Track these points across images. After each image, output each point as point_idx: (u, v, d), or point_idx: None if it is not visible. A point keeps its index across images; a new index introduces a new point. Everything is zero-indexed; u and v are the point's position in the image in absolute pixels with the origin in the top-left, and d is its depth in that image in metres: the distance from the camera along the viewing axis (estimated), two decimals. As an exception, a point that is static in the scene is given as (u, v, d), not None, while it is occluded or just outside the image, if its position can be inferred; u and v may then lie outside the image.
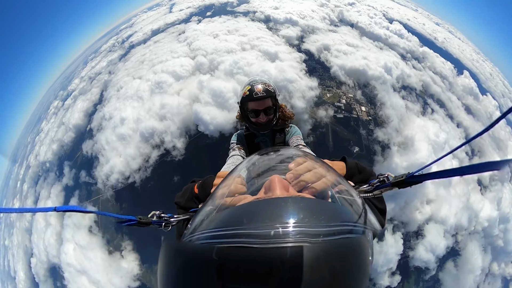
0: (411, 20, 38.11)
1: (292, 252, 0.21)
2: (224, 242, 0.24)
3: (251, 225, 0.24)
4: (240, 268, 0.22)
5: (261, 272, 0.21)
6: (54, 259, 17.42)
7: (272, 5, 31.73)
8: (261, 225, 0.24)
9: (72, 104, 25.34)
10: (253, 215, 0.26)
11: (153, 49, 25.08)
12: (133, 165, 15.97)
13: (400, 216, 14.43)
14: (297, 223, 0.24)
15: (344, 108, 18.58)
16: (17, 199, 24.94)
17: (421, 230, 14.42)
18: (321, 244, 0.22)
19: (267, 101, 1.36)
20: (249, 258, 0.22)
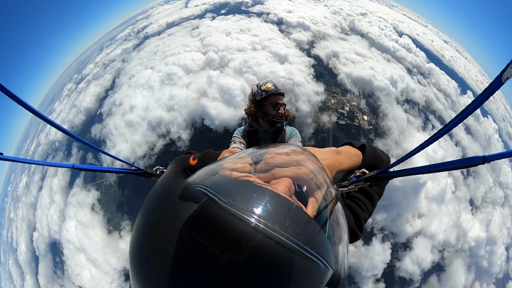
0: (420, 36, 37.58)
1: (250, 234, 0.23)
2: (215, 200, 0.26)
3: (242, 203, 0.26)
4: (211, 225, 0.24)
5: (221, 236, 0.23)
6: (56, 235, 17.64)
7: (286, 8, 31.40)
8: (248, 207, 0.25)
9: (85, 88, 25.49)
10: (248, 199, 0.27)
11: (166, 41, 25.01)
12: (139, 152, 16.03)
13: (391, 226, 14.47)
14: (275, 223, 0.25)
15: (347, 115, 18.46)
16: (25, 174, 25.26)
17: (410, 243, 14.47)
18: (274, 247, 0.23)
19: (283, 98, 1.55)
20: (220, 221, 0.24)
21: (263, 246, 0.23)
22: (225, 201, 0.26)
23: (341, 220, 0.37)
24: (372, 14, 37.47)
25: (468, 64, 44.18)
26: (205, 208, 0.26)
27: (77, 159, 19.95)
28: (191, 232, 0.25)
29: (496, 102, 36.50)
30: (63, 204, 18.48)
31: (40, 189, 21.40)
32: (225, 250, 0.23)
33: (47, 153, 23.68)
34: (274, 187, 0.32)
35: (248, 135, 1.64)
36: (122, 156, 16.31)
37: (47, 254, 18.54)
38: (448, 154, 17.90)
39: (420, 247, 14.43)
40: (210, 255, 0.23)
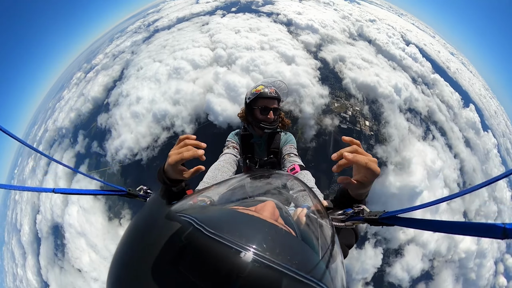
0: (427, 46, 36.98)
1: (241, 264, 0.21)
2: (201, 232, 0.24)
3: (229, 232, 0.24)
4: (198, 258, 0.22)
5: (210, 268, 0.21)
6: (58, 219, 17.85)
7: (296, 10, 31.05)
8: (236, 236, 0.24)
9: (93, 77, 25.57)
10: (236, 227, 0.26)
11: (176, 36, 24.92)
12: (142, 143, 16.06)
13: (384, 232, 14.43)
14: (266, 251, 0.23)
15: (349, 119, 18.32)
16: (32, 158, 25.54)
17: (401, 250, 14.44)
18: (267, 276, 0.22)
19: (275, 102, 1.43)
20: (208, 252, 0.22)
21: (255, 276, 0.21)
22: (211, 231, 0.24)
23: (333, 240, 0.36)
24: (381, 21, 36.93)
25: (473, 77, 43.46)
26: (190, 239, 0.24)
27: (83, 147, 20.07)
28: (176, 265, 0.23)
29: (497, 118, 36.03)
30: None
31: (46, 173, 21.62)
32: (214, 284, 0.21)
33: (53, 139, 23.88)
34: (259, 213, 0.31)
35: (242, 139, 1.55)
36: (126, 146, 16.39)
37: (49, 236, 18.78)
38: (446, 165, 17.77)
39: (411, 255, 14.41)
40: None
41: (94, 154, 18.68)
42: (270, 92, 1.39)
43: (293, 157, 1.34)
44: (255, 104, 1.42)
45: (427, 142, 18.64)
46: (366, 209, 0.55)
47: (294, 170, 1.19)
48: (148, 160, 15.81)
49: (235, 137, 1.57)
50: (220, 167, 1.20)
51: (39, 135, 27.86)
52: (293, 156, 1.35)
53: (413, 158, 16.07)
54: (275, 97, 1.41)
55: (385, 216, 0.49)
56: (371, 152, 16.74)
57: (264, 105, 1.40)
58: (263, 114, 1.41)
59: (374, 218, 0.51)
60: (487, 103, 36.97)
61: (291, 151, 1.41)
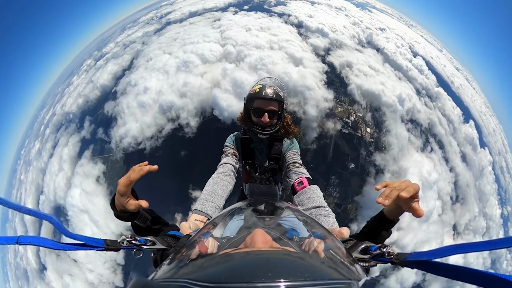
0: (434, 59, 36.47)
1: None
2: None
3: (233, 281, 0.21)
4: None
5: None
6: (61, 201, 17.89)
7: (307, 13, 30.60)
8: (243, 282, 0.21)
9: (103, 65, 25.50)
10: (234, 269, 0.23)
11: (187, 30, 24.72)
12: (147, 133, 16.04)
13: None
14: (281, 278, 0.21)
15: (351, 125, 18.18)
16: (39, 141, 25.68)
17: None
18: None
19: (274, 104, 1.26)
20: None
21: None
22: (209, 285, 0.21)
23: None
24: (390, 31, 36.39)
25: (475, 94, 42.88)
26: None
27: (88, 132, 20.09)
28: None
29: (495, 136, 35.64)
30: (70, 173, 18.75)
31: (51, 156, 21.72)
32: None
33: (61, 123, 23.94)
34: (251, 247, 0.29)
35: (242, 144, 1.42)
36: (131, 134, 16.37)
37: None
38: (441, 178, 17.76)
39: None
40: None
41: (99, 140, 18.70)
42: (266, 92, 1.22)
43: (298, 167, 1.24)
44: (250, 105, 1.28)
45: (425, 153, 18.52)
46: (394, 250, 0.48)
47: (302, 184, 1.09)
48: (151, 150, 15.82)
49: (234, 141, 1.43)
50: (219, 181, 1.12)
51: (47, 118, 27.96)
52: (298, 167, 1.24)
53: (410, 168, 16.04)
54: (272, 98, 1.22)
55: (414, 259, 0.42)
56: (369, 158, 16.73)
57: (258, 106, 1.25)
58: (257, 117, 1.25)
59: (402, 261, 0.45)
60: (487, 121, 36.61)
61: (296, 160, 1.30)
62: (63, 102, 25.92)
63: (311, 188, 1.06)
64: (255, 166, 1.43)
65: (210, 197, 1.04)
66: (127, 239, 0.57)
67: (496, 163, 26.57)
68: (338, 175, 15.21)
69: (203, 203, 1.03)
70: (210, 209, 1.01)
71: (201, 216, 0.99)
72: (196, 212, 1.00)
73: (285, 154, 1.37)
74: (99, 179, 17.32)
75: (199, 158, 14.50)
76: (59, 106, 26.08)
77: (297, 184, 1.11)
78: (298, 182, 1.11)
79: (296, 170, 1.21)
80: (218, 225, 0.41)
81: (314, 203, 0.97)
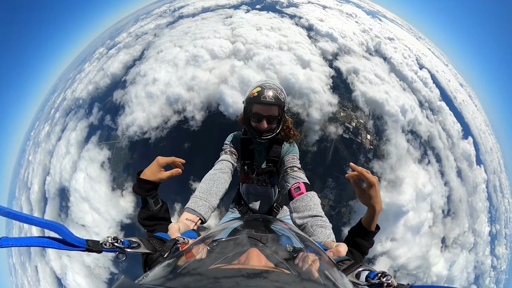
0: (439, 73, 35.90)
1: None
2: None
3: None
4: None
5: None
6: (65, 183, 18.07)
7: (318, 16, 30.10)
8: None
9: (114, 54, 25.44)
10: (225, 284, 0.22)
11: (199, 24, 24.45)
12: (153, 123, 16.01)
13: None
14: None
15: (352, 130, 18.06)
16: (48, 124, 25.87)
17: (374, 259, 14.41)
18: None
19: (273, 109, 1.16)
20: None
21: None
22: None
23: None
24: (399, 41, 35.79)
25: (476, 111, 42.31)
26: None
27: (96, 119, 20.14)
28: None
29: (492, 154, 35.22)
30: (76, 157, 18.87)
31: (59, 139, 21.86)
32: None
33: (70, 108, 24.04)
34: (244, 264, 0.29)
35: (242, 144, 1.35)
36: (137, 123, 16.34)
37: (55, 197, 19.14)
38: (435, 191, 17.69)
39: (381, 265, 14.43)
40: None
41: (106, 127, 18.74)
42: (265, 97, 1.11)
43: (297, 171, 1.17)
44: (249, 109, 1.19)
45: (422, 165, 18.40)
46: (394, 282, 0.44)
47: (299, 190, 1.01)
48: (156, 140, 15.80)
49: (234, 140, 1.37)
50: (216, 178, 1.08)
51: (58, 102, 28.12)
52: (297, 171, 1.17)
53: (406, 178, 15.99)
54: (272, 103, 1.11)
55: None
56: (367, 165, 16.66)
57: (256, 112, 1.15)
58: (255, 122, 1.17)
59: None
60: (485, 139, 36.15)
61: (295, 164, 1.23)
62: (74, 87, 26.00)
63: (308, 195, 0.99)
64: (253, 167, 1.38)
65: (204, 196, 0.99)
66: (109, 241, 0.49)
67: (490, 181, 26.42)
68: (335, 178, 15.12)
69: (196, 201, 0.97)
70: (203, 209, 0.95)
71: (192, 216, 0.93)
72: (188, 211, 0.94)
73: (283, 158, 1.30)
74: (104, 164, 17.39)
75: (202, 151, 14.46)
76: (70, 91, 26.17)
77: (294, 190, 1.04)
78: (295, 187, 1.04)
79: (293, 174, 1.15)
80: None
81: (311, 212, 0.91)
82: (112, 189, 16.37)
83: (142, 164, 0.88)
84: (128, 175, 16.51)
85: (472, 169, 22.80)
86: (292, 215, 0.96)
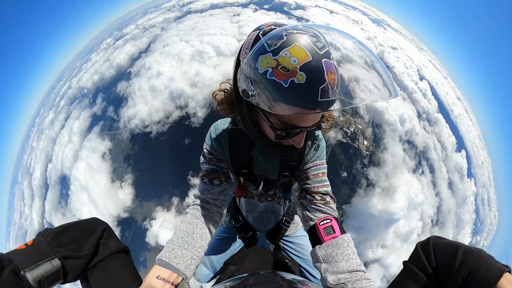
0: (438, 85, 35.34)
1: None
2: None
3: None
4: None
5: None
6: (66, 171, 17.39)
7: (325, 21, 28.96)
8: None
9: (121, 45, 24.38)
10: None
11: (206, 21, 23.37)
12: (155, 117, 15.18)
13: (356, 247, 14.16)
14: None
15: (349, 135, 17.56)
16: (53, 111, 25.07)
17: (366, 266, 14.35)
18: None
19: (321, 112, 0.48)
20: None
21: None
22: None
23: None
24: (401, 51, 34.86)
25: (471, 125, 42.13)
26: None
27: (100, 109, 19.34)
28: None
29: (482, 168, 35.16)
30: (78, 146, 18.21)
31: (62, 127, 21.15)
32: None
33: (75, 97, 23.22)
34: None
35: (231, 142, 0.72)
36: (139, 116, 15.54)
37: (56, 185, 18.56)
38: (426, 200, 17.36)
39: (373, 273, 14.20)
40: None
41: (109, 118, 17.93)
42: (327, 90, 0.38)
43: (328, 200, 0.70)
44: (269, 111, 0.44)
45: (416, 175, 18.02)
46: None
47: (333, 233, 0.65)
48: (157, 134, 15.02)
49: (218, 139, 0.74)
50: (190, 231, 0.64)
51: (63, 90, 27.18)
52: (328, 199, 0.70)
53: (400, 187, 15.66)
54: (333, 102, 0.41)
55: None
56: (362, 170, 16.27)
57: (290, 122, 0.48)
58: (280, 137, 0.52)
59: None
60: (478, 153, 36.02)
61: (326, 188, 0.72)
62: (80, 76, 25.04)
63: (345, 239, 0.65)
64: (255, 179, 0.80)
65: (183, 241, 0.61)
66: None
67: (479, 194, 26.38)
68: (330, 181, 14.75)
69: (172, 249, 0.60)
70: (182, 261, 0.58)
71: (167, 272, 0.55)
72: (160, 264, 0.56)
73: (309, 165, 0.75)
74: (105, 155, 16.67)
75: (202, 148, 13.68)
76: (76, 80, 25.22)
77: (324, 230, 0.66)
78: (326, 226, 0.67)
79: (324, 207, 0.69)
80: None
81: (350, 265, 0.59)
82: (111, 181, 15.71)
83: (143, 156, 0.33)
84: (128, 166, 15.88)
85: (463, 182, 22.55)
86: (321, 266, 0.63)
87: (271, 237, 1.07)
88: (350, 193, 14.86)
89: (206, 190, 0.73)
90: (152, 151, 15.07)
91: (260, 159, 0.76)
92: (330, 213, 0.69)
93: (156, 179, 15.19)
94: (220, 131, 0.74)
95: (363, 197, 15.80)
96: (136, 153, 15.75)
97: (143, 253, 13.54)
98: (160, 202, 14.81)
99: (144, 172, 15.95)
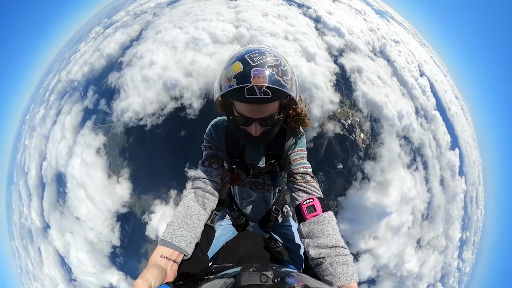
0: (437, 82, 34.24)
1: None
2: None
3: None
4: None
5: None
6: (62, 168, 16.49)
7: (327, 9, 26.82)
8: None
9: (111, 34, 22.27)
10: None
11: (201, 5, 21.31)
12: (149, 109, 13.91)
13: (349, 237, 14.47)
14: None
15: (346, 127, 16.86)
16: (43, 107, 23.40)
17: (358, 256, 14.10)
18: None
19: (271, 107, 0.65)
20: None
21: None
22: None
23: None
24: (404, 45, 33.21)
25: (466, 125, 42.11)
26: None
27: (91, 102, 17.90)
28: None
29: (474, 167, 35.55)
30: (72, 142, 17.05)
31: (54, 123, 19.77)
32: None
33: (65, 90, 21.54)
34: None
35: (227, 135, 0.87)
36: (133, 109, 14.26)
37: (52, 183, 17.62)
38: (418, 196, 17.17)
39: (364, 263, 14.33)
40: None
41: (101, 112, 16.60)
42: (253, 91, 0.55)
43: (308, 179, 0.80)
44: (228, 104, 0.69)
45: (410, 171, 18.20)
46: None
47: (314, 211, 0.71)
48: (152, 127, 13.87)
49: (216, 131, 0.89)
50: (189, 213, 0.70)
51: (52, 84, 25.22)
52: (309, 180, 0.79)
53: (394, 181, 15.33)
54: (269, 99, 0.57)
55: None
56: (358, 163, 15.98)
57: (241, 113, 0.66)
58: (242, 125, 0.70)
59: None
60: (470, 152, 36.12)
61: (306, 170, 0.83)
62: (69, 69, 23.09)
63: (326, 217, 0.70)
64: (246, 167, 0.93)
65: (183, 223, 0.67)
66: None
67: (468, 192, 27.16)
68: (326, 172, 14.37)
69: (173, 230, 0.67)
70: (183, 240, 0.65)
71: (169, 250, 0.62)
72: (163, 244, 0.63)
73: (289, 153, 0.88)
74: (99, 150, 15.59)
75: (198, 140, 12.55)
76: (65, 73, 23.32)
77: (306, 209, 0.73)
78: (308, 205, 0.74)
79: (305, 186, 0.79)
80: None
81: (329, 240, 0.67)
82: (108, 176, 14.81)
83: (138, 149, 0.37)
84: (124, 160, 14.98)
85: (454, 179, 22.11)
86: (305, 241, 0.72)
87: (263, 226, 1.16)
88: (345, 185, 15.03)
89: (206, 172, 0.81)
90: (147, 144, 14.09)
91: (249, 150, 0.92)
92: (312, 192, 0.76)
93: (153, 172, 14.40)
94: (219, 126, 0.90)
95: (358, 190, 15.52)
96: (131, 146, 14.78)
97: (144, 245, 13.22)
98: (158, 195, 14.21)
99: (140, 165, 15.06)
